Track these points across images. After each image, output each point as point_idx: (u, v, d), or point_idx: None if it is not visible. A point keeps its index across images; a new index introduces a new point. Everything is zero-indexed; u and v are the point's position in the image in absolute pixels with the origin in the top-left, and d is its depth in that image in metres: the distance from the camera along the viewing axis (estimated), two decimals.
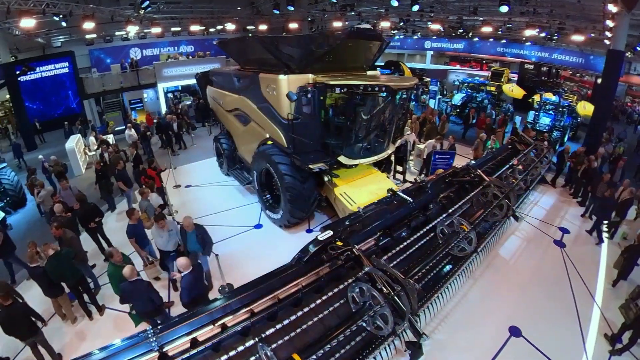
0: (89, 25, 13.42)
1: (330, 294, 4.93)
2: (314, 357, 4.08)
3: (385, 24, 18.38)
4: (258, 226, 9.91)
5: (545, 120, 16.36)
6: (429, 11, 17.72)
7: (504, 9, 13.06)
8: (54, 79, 22.04)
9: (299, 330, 4.37)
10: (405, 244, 5.96)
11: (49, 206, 9.49)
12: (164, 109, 21.66)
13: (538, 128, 16.03)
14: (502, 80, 21.77)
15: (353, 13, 19.18)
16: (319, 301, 4.82)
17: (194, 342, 4.14)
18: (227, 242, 9.34)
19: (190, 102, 22.30)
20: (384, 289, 4.72)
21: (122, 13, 15.50)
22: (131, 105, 21.48)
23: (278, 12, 17.12)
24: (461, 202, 7.18)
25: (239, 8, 19.56)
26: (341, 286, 5.07)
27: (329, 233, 5.88)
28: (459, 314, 6.60)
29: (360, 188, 8.44)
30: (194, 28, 18.38)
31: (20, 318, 5.75)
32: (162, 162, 15.15)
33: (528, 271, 7.81)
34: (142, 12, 14.96)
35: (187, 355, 3.96)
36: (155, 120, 17.76)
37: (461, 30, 20.57)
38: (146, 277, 7.67)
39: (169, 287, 7.94)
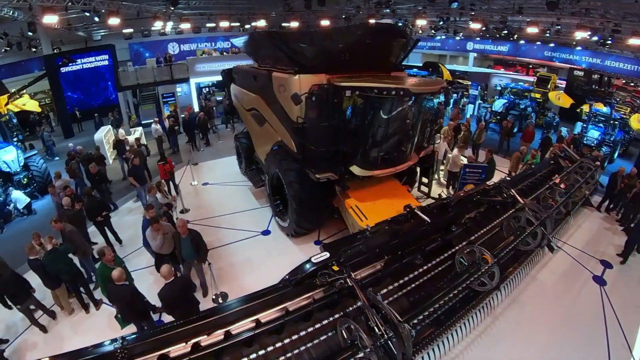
0: (114, 21, 13.62)
1: (317, 325, 4.37)
2: None
3: (421, 22, 17.27)
4: (266, 232, 9.47)
5: (594, 134, 14.66)
6: (469, 9, 16.38)
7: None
8: (94, 70, 22.98)
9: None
10: (416, 273, 5.22)
11: (57, 199, 9.55)
12: (195, 104, 21.88)
13: (586, 142, 14.40)
14: (549, 87, 19.95)
15: (388, 10, 18.23)
16: (303, 332, 4.31)
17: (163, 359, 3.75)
18: (231, 247, 9.07)
19: (220, 99, 22.41)
20: (376, 330, 4.06)
21: (149, 9, 15.62)
22: (163, 99, 21.88)
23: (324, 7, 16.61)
24: (489, 227, 6.33)
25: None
26: (330, 318, 4.47)
27: (325, 255, 5.28)
28: (470, 358, 5.76)
29: (375, 201, 7.68)
30: (224, 24, 18.29)
31: (14, 284, 6.57)
32: (185, 158, 15.24)
33: (559, 311, 6.73)
34: (172, 8, 15.00)
35: None
36: (182, 116, 17.89)
37: (506, 32, 19.00)
38: None
39: None
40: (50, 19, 12.53)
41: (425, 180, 10.41)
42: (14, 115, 16.56)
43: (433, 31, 23.70)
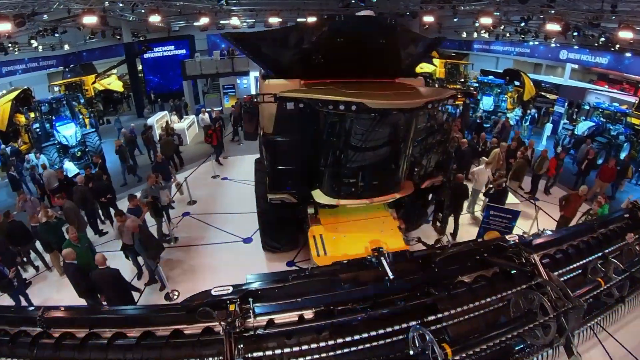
0: (155, 18, 14.29)
1: None
2: None
3: (486, 21, 14.78)
4: (248, 240, 9.01)
5: None
6: (547, 5, 13.34)
7: None
8: (172, 58, 24.94)
9: None
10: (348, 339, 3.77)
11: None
12: None
13: None
14: None
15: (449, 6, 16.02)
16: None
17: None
18: (208, 247, 9.01)
19: None
20: None
21: (194, 6, 16.11)
22: (224, 90, 22.86)
23: (364, 5, 15.51)
24: (483, 301, 4.22)
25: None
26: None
27: (228, 289, 4.58)
28: None
29: (348, 234, 6.50)
30: (272, 20, 18.15)
31: (19, 230, 7.92)
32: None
33: None
34: (224, 4, 15.30)
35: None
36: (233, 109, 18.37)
37: (602, 39, 15.33)
38: None
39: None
40: (91, 20, 13.42)
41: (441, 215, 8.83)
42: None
43: (522, 36, 20.52)
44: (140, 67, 24.34)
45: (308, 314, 4.37)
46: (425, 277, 4.64)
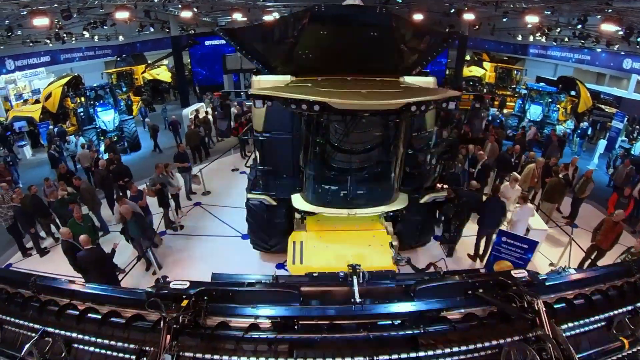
0: (186, 14, 14.70)
1: None
2: None
3: (533, 19, 13.28)
4: (246, 236, 8.96)
5: None
6: (604, 3, 11.59)
7: None
8: (218, 51, 25.80)
9: None
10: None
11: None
12: None
13: None
14: None
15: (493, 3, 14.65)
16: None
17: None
18: (208, 239, 9.17)
19: None
20: None
21: (227, 1, 16.29)
22: None
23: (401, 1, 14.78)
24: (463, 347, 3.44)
25: None
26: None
27: (184, 285, 4.50)
28: None
29: (331, 245, 6.03)
30: None
31: (39, 204, 8.67)
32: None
33: None
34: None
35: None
36: None
37: None
38: None
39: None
40: (122, 15, 14.31)
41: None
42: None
43: (582, 41, 18.49)
44: (188, 60, 25.53)
45: (263, 323, 4.16)
46: (401, 307, 3.92)
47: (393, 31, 5.55)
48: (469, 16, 15.31)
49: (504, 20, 17.84)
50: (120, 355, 3.77)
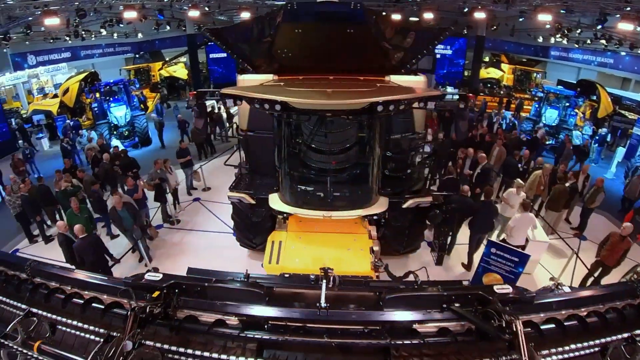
0: (194, 13, 14.97)
1: None
2: None
3: (545, 18, 12.60)
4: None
5: None
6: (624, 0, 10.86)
7: None
8: None
9: None
10: None
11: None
12: None
13: None
14: None
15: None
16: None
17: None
18: (200, 234, 9.34)
19: None
20: None
21: (234, 0, 16.44)
22: None
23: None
24: None
25: None
26: None
27: (159, 276, 4.60)
28: None
29: (310, 247, 5.99)
30: None
31: (46, 193, 9.18)
32: None
33: None
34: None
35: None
36: None
37: None
38: None
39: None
40: (131, 15, 14.76)
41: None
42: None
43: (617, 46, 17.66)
44: (205, 58, 25.96)
45: (230, 320, 4.21)
46: (368, 316, 3.73)
47: (369, 27, 5.38)
48: (480, 15, 14.83)
49: (520, 20, 17.27)
50: (92, 337, 3.93)
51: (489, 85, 24.57)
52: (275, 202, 6.12)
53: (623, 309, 3.57)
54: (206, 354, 3.51)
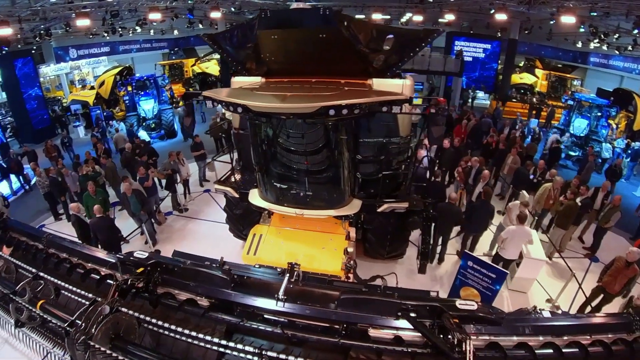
0: (215, 14, 15.53)
1: None
2: None
3: (568, 20, 11.85)
4: None
5: None
6: None
7: None
8: None
9: None
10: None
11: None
12: None
13: None
14: None
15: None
16: None
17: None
18: (202, 222, 9.88)
19: None
20: None
21: (255, 3, 16.75)
22: None
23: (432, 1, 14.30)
24: None
25: None
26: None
27: (144, 255, 5.05)
28: None
29: (288, 243, 6.28)
30: None
31: (55, 183, 9.76)
32: None
33: None
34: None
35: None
36: None
37: None
38: None
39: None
40: (155, 16, 15.61)
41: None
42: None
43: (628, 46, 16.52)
44: None
45: (202, 301, 4.58)
46: (321, 313, 3.79)
47: (341, 31, 5.39)
48: (501, 16, 14.34)
49: (552, 22, 16.49)
50: (82, 301, 4.36)
51: (521, 91, 23.56)
52: (254, 197, 6.45)
53: (612, 343, 3.14)
54: (173, 326, 3.89)
